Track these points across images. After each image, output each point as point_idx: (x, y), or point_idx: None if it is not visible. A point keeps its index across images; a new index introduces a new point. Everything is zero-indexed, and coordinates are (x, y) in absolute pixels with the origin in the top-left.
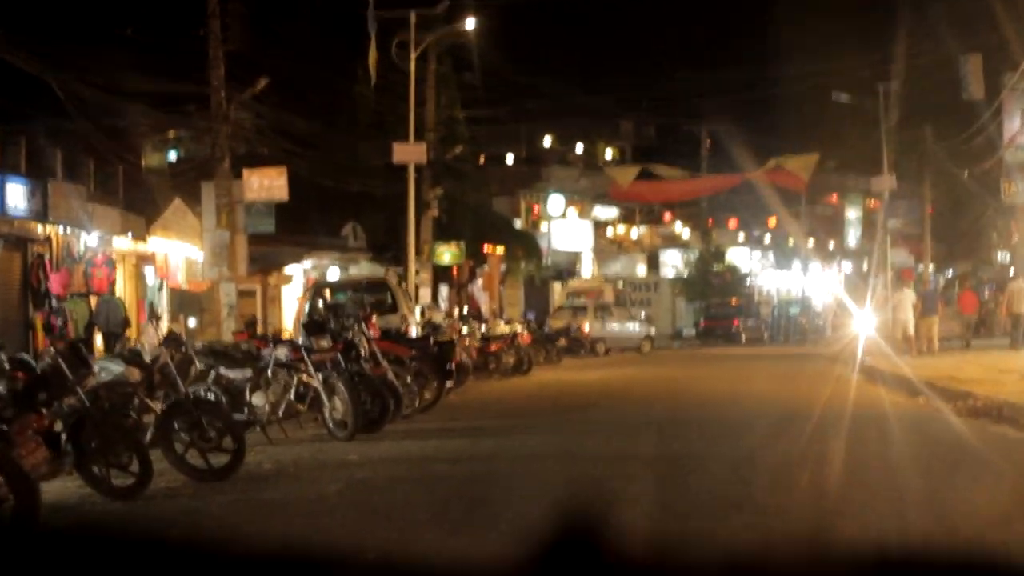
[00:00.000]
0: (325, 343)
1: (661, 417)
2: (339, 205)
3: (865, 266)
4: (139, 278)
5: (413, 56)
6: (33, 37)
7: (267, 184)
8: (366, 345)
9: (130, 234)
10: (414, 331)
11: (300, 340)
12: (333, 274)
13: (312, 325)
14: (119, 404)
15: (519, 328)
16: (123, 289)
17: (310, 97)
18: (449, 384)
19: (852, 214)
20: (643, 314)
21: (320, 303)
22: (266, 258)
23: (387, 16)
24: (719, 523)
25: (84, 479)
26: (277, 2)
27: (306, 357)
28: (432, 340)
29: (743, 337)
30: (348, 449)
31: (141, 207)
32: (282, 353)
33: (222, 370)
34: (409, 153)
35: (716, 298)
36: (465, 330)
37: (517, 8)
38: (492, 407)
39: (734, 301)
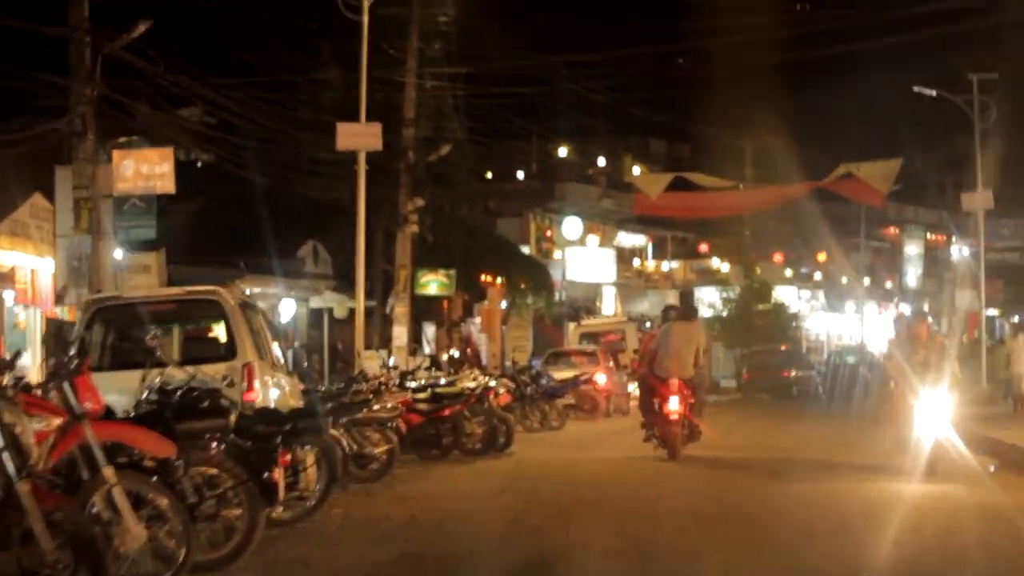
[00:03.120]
0: None
1: None
2: (294, 218)
3: (927, 308)
4: None
5: None
6: None
7: (146, 171)
8: (29, 440)
9: None
10: (273, 393)
11: None
12: (288, 308)
13: None
14: None
15: (491, 383)
16: None
17: (253, 75)
18: (277, 511)
19: (912, 250)
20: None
21: (85, 338)
22: (187, 282)
23: None
24: None
25: None
26: None
27: None
28: (234, 419)
29: (794, 390)
30: None
31: None
32: None
33: None
34: (358, 136)
35: (759, 344)
36: (414, 384)
37: None
38: (370, 552)
39: (784, 347)
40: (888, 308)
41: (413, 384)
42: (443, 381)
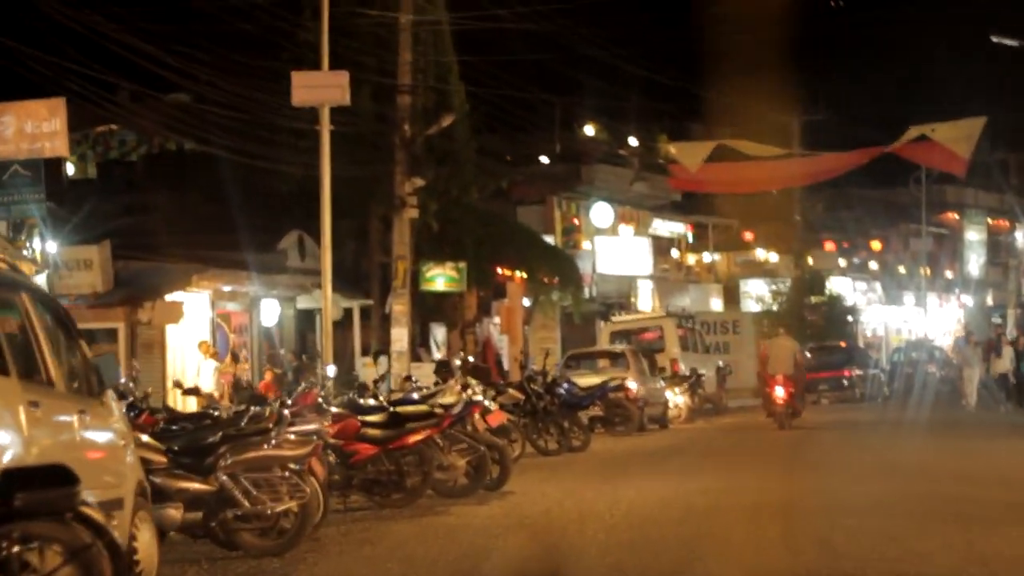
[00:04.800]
0: None
1: None
2: (274, 204)
3: (990, 299)
4: None
5: None
6: None
7: (31, 130)
8: None
9: None
10: (104, 436)
11: None
12: (270, 309)
13: None
14: None
15: (479, 395)
16: None
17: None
18: None
19: (973, 236)
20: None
21: None
22: (137, 279)
23: None
24: None
25: None
26: None
27: None
28: None
29: (857, 392)
30: None
31: None
32: None
33: None
34: (318, 88)
35: (813, 341)
36: (372, 403)
37: None
38: None
39: (843, 344)
40: (949, 300)
41: (372, 402)
42: (415, 396)
